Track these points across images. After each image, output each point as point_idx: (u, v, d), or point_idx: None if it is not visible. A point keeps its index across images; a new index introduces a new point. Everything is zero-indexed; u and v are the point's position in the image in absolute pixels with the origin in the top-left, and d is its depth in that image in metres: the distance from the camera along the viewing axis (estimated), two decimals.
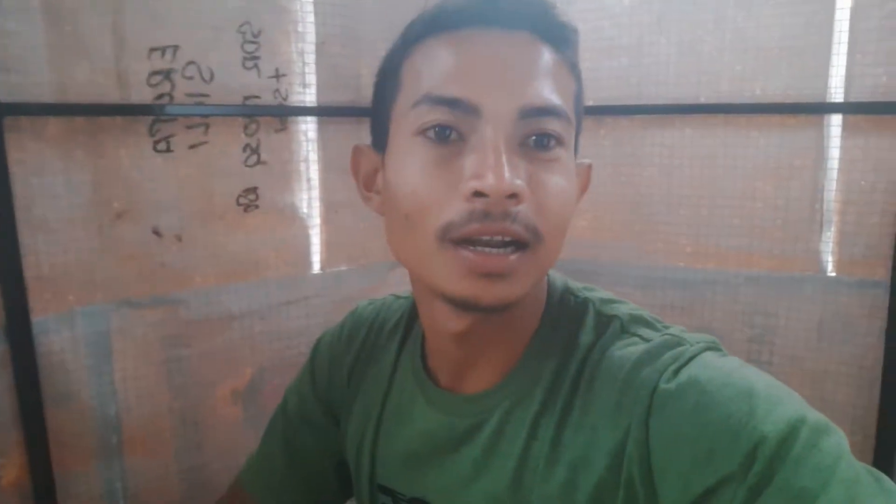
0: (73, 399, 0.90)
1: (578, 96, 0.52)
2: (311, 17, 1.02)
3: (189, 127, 0.95)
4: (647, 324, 0.52)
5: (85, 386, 0.91)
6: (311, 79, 1.05)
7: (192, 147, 0.96)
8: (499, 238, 0.45)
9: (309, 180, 1.08)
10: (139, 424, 0.97)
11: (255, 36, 0.98)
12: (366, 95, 1.13)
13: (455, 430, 0.54)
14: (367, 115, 1.04)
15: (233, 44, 0.97)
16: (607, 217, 1.13)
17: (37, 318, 0.85)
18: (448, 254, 0.46)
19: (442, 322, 0.53)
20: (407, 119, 0.48)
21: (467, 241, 0.45)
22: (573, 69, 0.51)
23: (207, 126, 0.97)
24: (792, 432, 0.40)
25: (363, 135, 1.11)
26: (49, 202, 0.86)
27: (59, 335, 0.88)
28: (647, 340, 0.49)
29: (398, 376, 0.62)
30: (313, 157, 1.08)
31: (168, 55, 0.92)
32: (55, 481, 0.88)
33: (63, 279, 0.88)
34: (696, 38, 1.02)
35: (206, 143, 0.97)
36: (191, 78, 0.94)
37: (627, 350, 0.49)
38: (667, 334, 0.50)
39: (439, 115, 0.46)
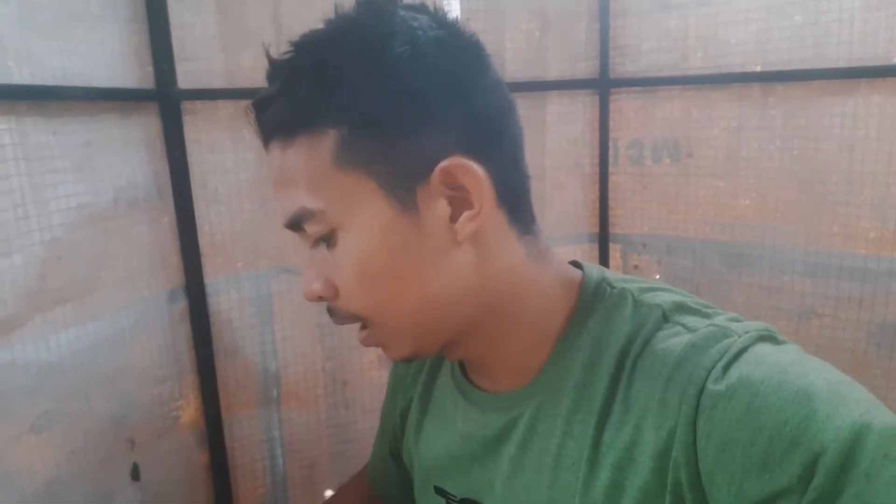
0: (239, 353, 1.01)
1: (348, 145, 0.45)
2: None
3: None
4: (692, 311, 0.48)
5: (249, 342, 1.02)
6: None
7: None
8: None
9: None
10: (295, 380, 1.06)
11: None
12: (510, 70, 1.13)
13: (492, 428, 0.54)
14: (514, 90, 1.04)
15: None
16: (773, 196, 1.02)
17: (209, 280, 0.97)
18: None
19: None
20: None
21: None
22: (320, 126, 0.45)
23: None
24: (857, 441, 0.35)
25: None
26: (220, 177, 0.96)
27: (228, 296, 1.00)
28: (691, 330, 0.45)
29: (437, 384, 0.63)
30: None
31: None
32: (223, 424, 1.00)
33: (232, 246, 0.99)
34: None
35: None
36: None
37: (670, 342, 0.45)
38: (712, 325, 0.45)
39: None
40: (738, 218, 1.06)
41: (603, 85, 1.11)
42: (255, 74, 0.98)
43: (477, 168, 0.46)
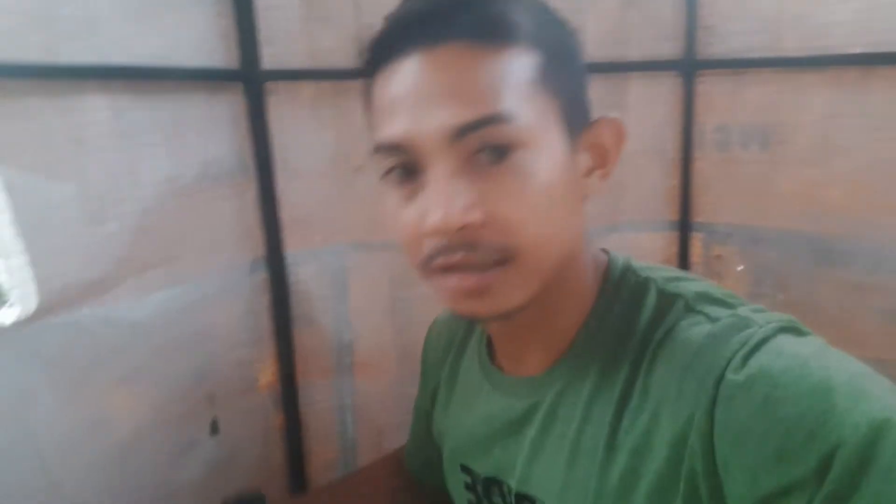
0: (315, 323, 1.06)
1: (550, 67, 0.46)
2: None
3: None
4: (716, 301, 0.47)
5: (325, 313, 1.07)
6: None
7: None
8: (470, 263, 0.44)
9: None
10: (367, 351, 1.11)
11: None
12: (589, 51, 1.10)
13: (515, 411, 0.55)
14: (591, 71, 1.02)
15: None
16: (869, 188, 0.94)
17: (289, 252, 1.02)
18: (435, 281, 0.47)
19: None
20: (376, 162, 0.49)
21: (445, 268, 0.45)
22: (531, 44, 0.46)
23: None
24: (877, 436, 0.35)
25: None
26: (301, 155, 1.00)
27: (306, 268, 1.04)
28: (713, 319, 0.45)
29: (463, 366, 0.65)
30: None
31: None
32: (298, 388, 1.06)
33: (311, 221, 1.03)
34: None
35: None
36: None
37: (692, 331, 0.45)
38: (734, 315, 0.45)
39: (391, 161, 0.46)
40: (830, 210, 0.99)
41: (688, 66, 1.07)
42: (335, 56, 1.01)
43: (625, 133, 0.50)
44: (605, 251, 0.55)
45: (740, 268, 1.11)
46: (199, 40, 0.86)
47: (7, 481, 0.63)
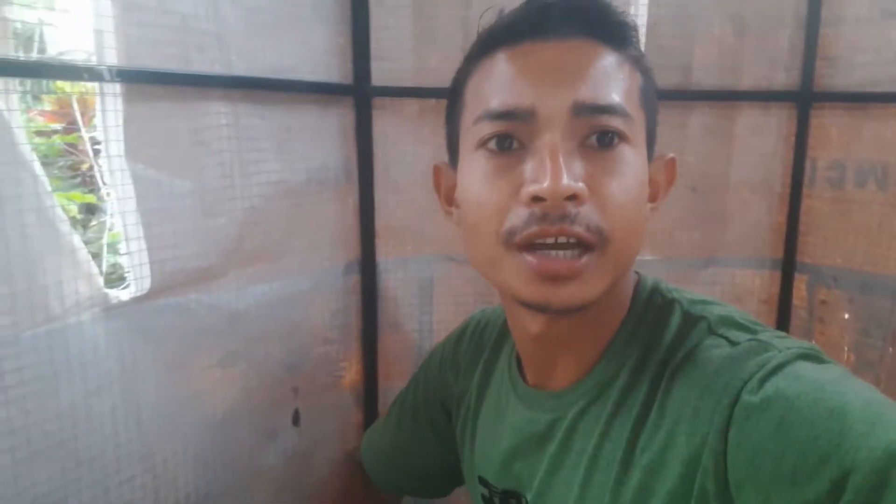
0: (399, 328, 1.10)
1: (646, 90, 0.52)
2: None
3: None
4: (738, 325, 0.47)
5: (409, 320, 1.11)
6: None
7: None
8: (563, 240, 0.45)
9: None
10: None
11: None
12: (696, 77, 1.08)
13: (538, 425, 0.56)
14: (698, 98, 1.01)
15: None
16: None
17: (381, 259, 1.07)
18: (514, 259, 0.47)
19: (522, 325, 0.55)
20: (470, 134, 0.51)
21: (531, 246, 0.46)
22: (636, 64, 0.51)
23: None
24: (891, 462, 0.34)
25: (689, 119, 1.05)
26: (400, 168, 1.05)
27: (395, 275, 1.09)
28: (734, 343, 0.45)
29: (495, 376, 0.65)
30: None
31: None
32: (379, 390, 1.10)
33: (403, 231, 1.08)
34: None
35: None
36: None
37: (711, 353, 0.46)
38: (754, 339, 0.45)
39: (495, 128, 0.48)
40: None
41: (804, 98, 1.02)
42: (440, 75, 1.05)
43: (676, 174, 0.55)
44: (636, 272, 0.57)
45: (846, 316, 1.05)
46: (317, 55, 0.93)
47: (106, 443, 0.70)
